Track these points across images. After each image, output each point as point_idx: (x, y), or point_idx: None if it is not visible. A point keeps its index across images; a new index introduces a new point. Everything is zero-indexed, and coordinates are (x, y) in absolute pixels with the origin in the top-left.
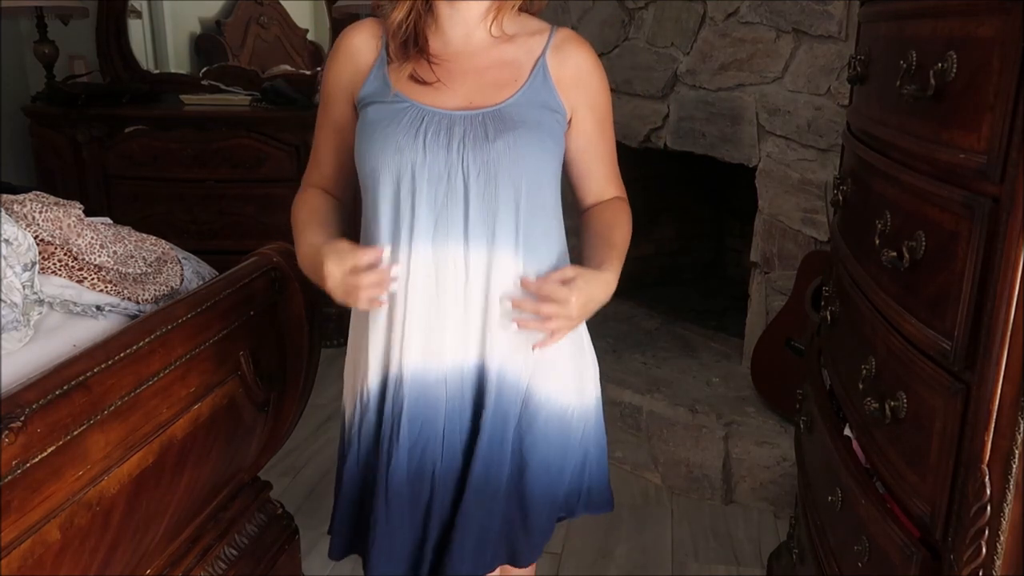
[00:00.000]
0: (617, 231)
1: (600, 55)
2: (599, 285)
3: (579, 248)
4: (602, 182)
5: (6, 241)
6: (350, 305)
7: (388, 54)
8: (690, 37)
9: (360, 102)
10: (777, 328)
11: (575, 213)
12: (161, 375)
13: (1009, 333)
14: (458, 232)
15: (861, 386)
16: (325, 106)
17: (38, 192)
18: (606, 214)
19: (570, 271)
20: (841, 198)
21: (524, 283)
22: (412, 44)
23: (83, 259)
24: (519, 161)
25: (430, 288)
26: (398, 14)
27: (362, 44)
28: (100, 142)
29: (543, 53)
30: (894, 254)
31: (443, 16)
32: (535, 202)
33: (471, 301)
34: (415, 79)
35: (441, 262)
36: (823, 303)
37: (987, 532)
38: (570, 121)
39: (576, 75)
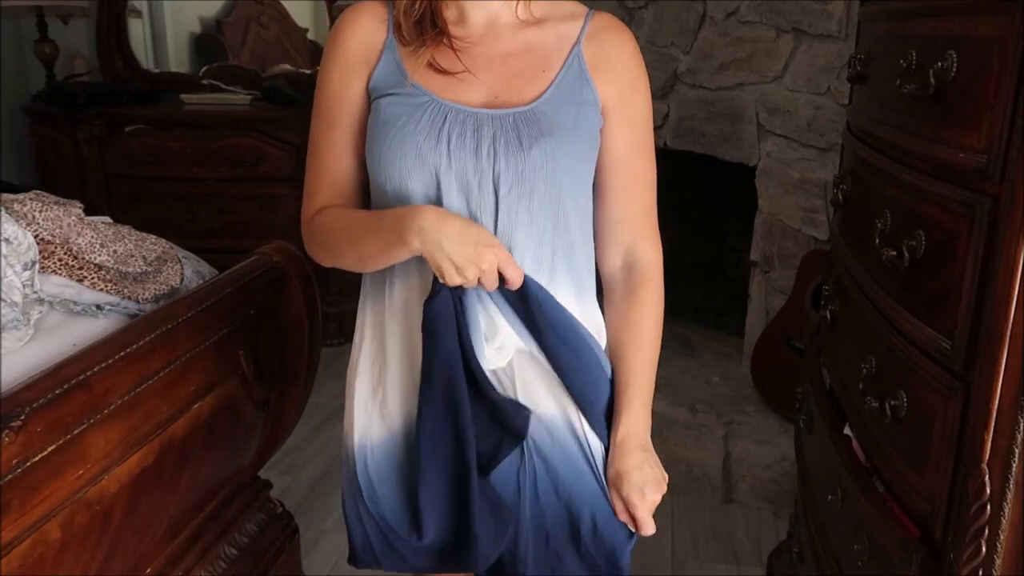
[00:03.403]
0: (648, 345)
1: None
2: (645, 442)
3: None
4: (632, 226)
5: (6, 240)
6: (458, 278)
7: (397, 37)
8: (690, 36)
9: (372, 92)
10: (777, 327)
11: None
12: (161, 374)
13: (1009, 333)
14: None
15: (861, 385)
16: (333, 111)
17: (38, 191)
18: (636, 322)
19: (630, 483)
20: (841, 197)
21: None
22: (429, 25)
23: (83, 258)
24: (556, 173)
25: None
26: None
27: (368, 27)
28: (100, 141)
29: (578, 41)
30: (894, 253)
31: None
32: (572, 222)
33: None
34: (434, 67)
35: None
36: (823, 302)
37: (987, 531)
38: (600, 128)
39: (611, 68)
